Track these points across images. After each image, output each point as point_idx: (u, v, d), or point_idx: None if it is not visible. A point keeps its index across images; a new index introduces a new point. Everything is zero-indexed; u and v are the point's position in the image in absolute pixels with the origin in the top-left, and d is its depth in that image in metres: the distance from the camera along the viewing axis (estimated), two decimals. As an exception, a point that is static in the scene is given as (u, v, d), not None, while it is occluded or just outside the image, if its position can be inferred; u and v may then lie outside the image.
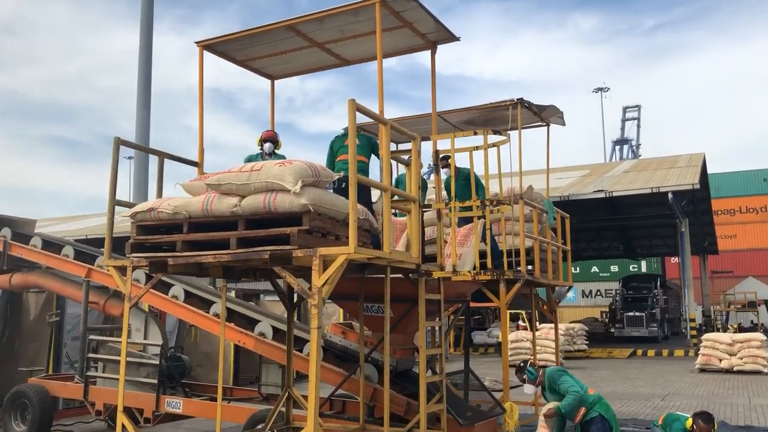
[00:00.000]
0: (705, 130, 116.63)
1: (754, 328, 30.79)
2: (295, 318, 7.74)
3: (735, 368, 18.40)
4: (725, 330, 28.00)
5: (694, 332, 25.11)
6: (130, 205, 6.45)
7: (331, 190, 6.63)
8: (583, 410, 5.94)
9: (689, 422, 5.91)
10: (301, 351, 8.12)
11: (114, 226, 6.61)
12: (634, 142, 63.29)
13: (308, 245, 5.16)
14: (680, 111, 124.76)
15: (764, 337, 18.52)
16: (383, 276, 6.38)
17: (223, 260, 5.50)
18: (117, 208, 6.64)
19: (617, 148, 62.32)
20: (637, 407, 12.31)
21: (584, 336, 23.23)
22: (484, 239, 8.22)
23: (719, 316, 33.08)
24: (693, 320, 25.75)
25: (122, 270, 6.24)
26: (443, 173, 8.70)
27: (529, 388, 6.38)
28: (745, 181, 46.88)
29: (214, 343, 13.56)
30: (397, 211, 8.20)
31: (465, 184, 8.87)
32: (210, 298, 9.10)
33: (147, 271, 7.83)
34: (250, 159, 7.58)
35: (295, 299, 7.60)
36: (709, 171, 31.17)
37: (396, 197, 6.44)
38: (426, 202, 8.54)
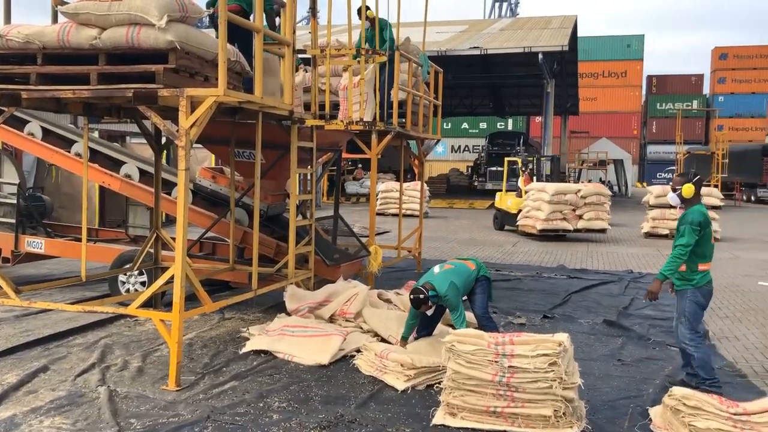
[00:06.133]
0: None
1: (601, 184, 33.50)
2: (164, 162, 7.59)
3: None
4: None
5: (548, 187, 27.04)
6: (-28, 31, 5.83)
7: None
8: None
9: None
10: (169, 194, 8.05)
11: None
12: (513, 0, 63.56)
13: (175, 85, 4.99)
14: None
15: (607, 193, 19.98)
16: (255, 122, 6.34)
17: (83, 96, 5.22)
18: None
19: (497, 5, 62.44)
20: (491, 251, 13.44)
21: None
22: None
23: (572, 173, 35.67)
24: (549, 176, 27.64)
25: (-32, 102, 5.75)
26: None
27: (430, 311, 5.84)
28: (611, 45, 49.11)
29: (77, 185, 13.03)
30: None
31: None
32: (71, 137, 8.63)
33: (-3, 105, 7.32)
34: None
35: (163, 141, 7.40)
36: (581, 34, 32.25)
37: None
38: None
